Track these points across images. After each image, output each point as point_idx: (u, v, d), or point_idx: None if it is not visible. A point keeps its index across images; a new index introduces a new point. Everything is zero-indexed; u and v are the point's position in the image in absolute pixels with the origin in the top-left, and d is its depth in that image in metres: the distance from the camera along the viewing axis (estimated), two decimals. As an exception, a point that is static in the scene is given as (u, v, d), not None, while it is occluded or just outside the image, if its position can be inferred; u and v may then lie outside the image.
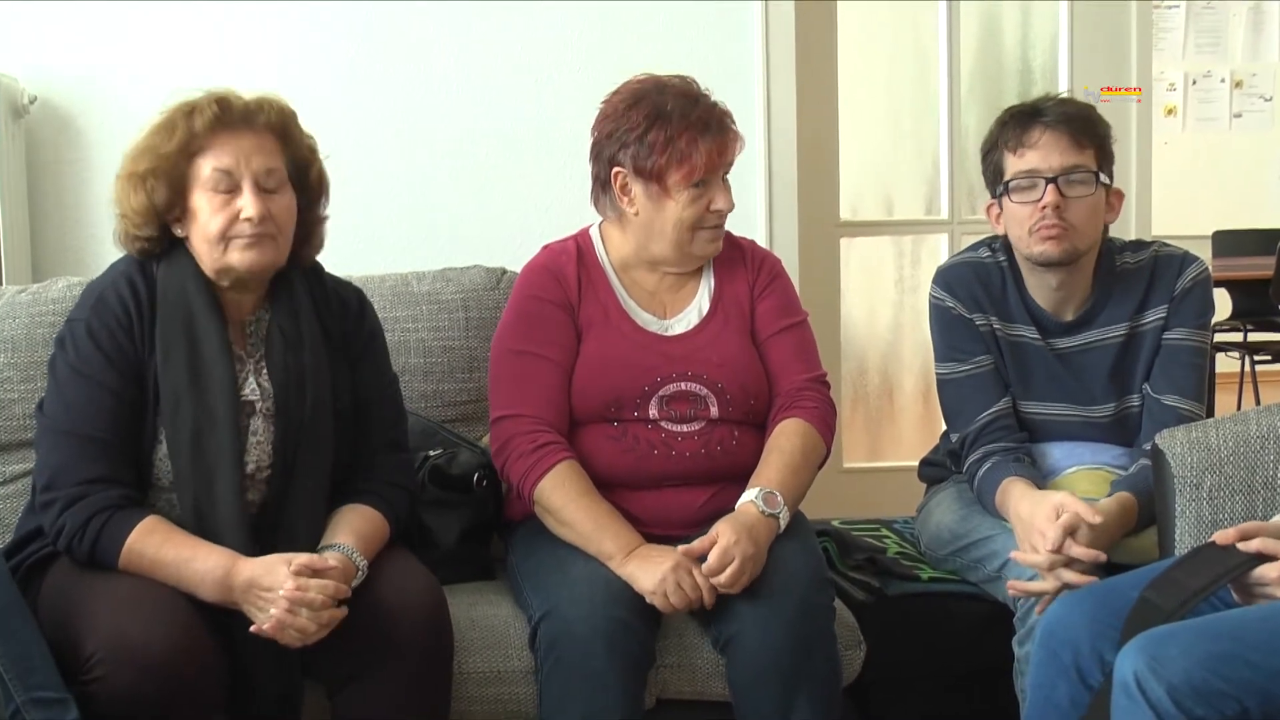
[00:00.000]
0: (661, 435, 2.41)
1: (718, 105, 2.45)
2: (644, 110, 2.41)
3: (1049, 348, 2.58)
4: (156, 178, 2.17)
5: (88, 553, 2.10)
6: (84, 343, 2.17)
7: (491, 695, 2.27)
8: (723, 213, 2.44)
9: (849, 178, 3.92)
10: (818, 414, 2.46)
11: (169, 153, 2.16)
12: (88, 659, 1.96)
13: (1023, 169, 2.48)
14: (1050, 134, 2.46)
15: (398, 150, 3.33)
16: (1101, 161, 2.50)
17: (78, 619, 2.02)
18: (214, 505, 2.13)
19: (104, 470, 2.12)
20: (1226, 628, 1.90)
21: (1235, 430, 2.29)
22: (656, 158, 2.38)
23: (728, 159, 2.44)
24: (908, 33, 4.06)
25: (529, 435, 2.37)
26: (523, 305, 2.49)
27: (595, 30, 3.36)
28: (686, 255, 2.47)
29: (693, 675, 2.33)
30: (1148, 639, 1.87)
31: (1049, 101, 2.53)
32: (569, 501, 2.33)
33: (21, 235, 3.15)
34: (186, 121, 2.16)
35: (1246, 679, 1.80)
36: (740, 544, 2.23)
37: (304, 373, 2.23)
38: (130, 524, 2.09)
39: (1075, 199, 2.46)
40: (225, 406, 2.15)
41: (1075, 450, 2.56)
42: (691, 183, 2.39)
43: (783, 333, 2.52)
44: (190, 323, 2.18)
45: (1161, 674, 1.80)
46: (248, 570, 2.06)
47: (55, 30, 3.21)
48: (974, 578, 2.59)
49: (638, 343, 2.46)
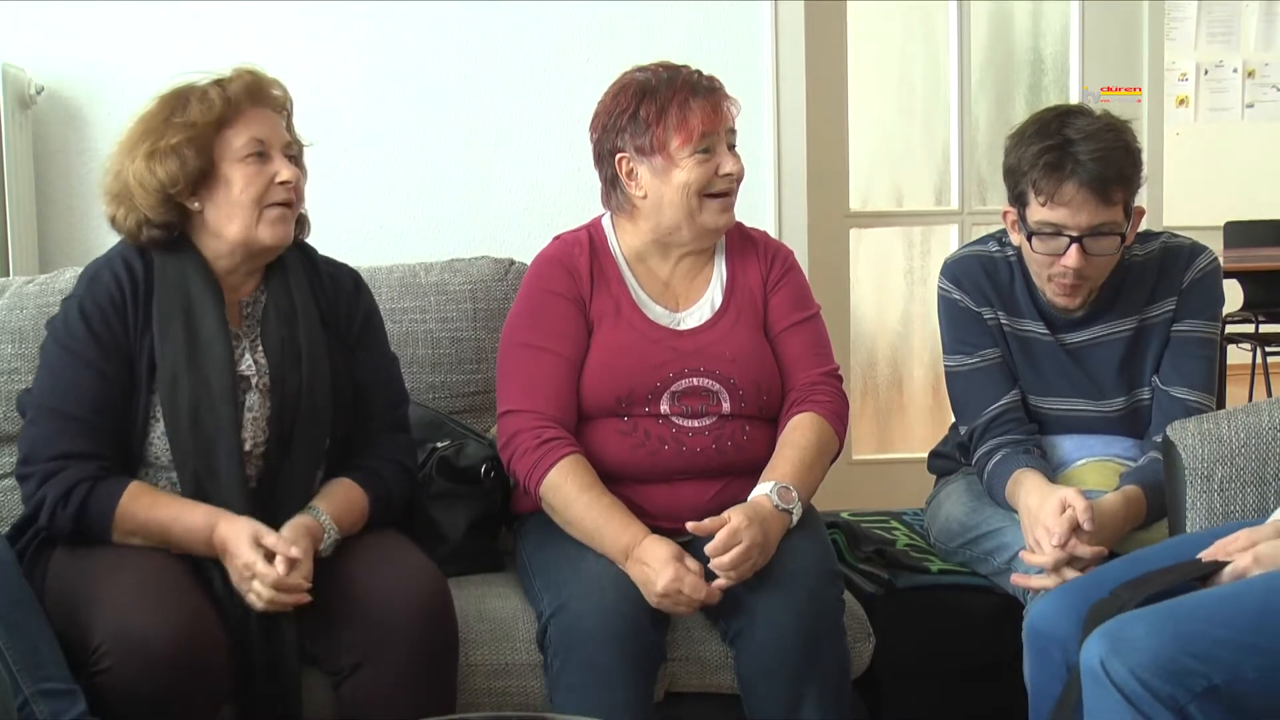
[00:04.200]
0: (672, 430, 2.39)
1: (701, 71, 2.44)
2: (629, 92, 2.41)
3: (1058, 343, 2.56)
4: (190, 147, 2.18)
5: (72, 522, 2.11)
6: (75, 322, 2.19)
7: (499, 688, 2.27)
8: (732, 176, 2.40)
9: (859, 168, 3.92)
10: (832, 409, 2.45)
11: (208, 122, 2.19)
12: (94, 650, 1.96)
13: (1049, 220, 2.39)
14: (1082, 193, 2.35)
15: (406, 141, 3.33)
16: (1129, 200, 2.41)
17: (83, 610, 2.02)
18: (215, 478, 2.15)
19: (83, 446, 2.14)
20: (1191, 607, 1.88)
21: (1247, 422, 2.28)
22: (654, 129, 2.37)
23: (725, 119, 2.40)
24: (919, 23, 4.05)
25: (534, 431, 2.35)
26: (533, 297, 2.48)
27: (604, 22, 3.36)
28: (699, 228, 2.43)
29: (702, 668, 2.33)
30: (1111, 625, 1.86)
31: (1083, 141, 2.35)
32: (573, 499, 2.31)
33: (28, 226, 3.15)
34: (220, 91, 2.20)
35: (1215, 655, 1.79)
36: (750, 529, 2.22)
37: (299, 347, 2.25)
38: (117, 491, 2.12)
39: (1097, 255, 2.42)
40: (222, 381, 2.17)
41: (1086, 442, 2.55)
42: (694, 145, 2.37)
43: (796, 327, 2.50)
44: (187, 300, 2.20)
45: (1126, 656, 1.79)
46: (223, 529, 2.10)
47: (62, 21, 3.21)
48: (984, 570, 2.58)
49: (649, 337, 2.44)
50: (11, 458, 2.52)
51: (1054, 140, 2.37)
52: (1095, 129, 2.37)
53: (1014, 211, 2.49)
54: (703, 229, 2.44)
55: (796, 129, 3.46)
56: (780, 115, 3.44)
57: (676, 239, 2.46)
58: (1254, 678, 1.78)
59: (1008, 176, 2.48)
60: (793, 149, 3.46)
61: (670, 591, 2.21)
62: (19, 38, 3.19)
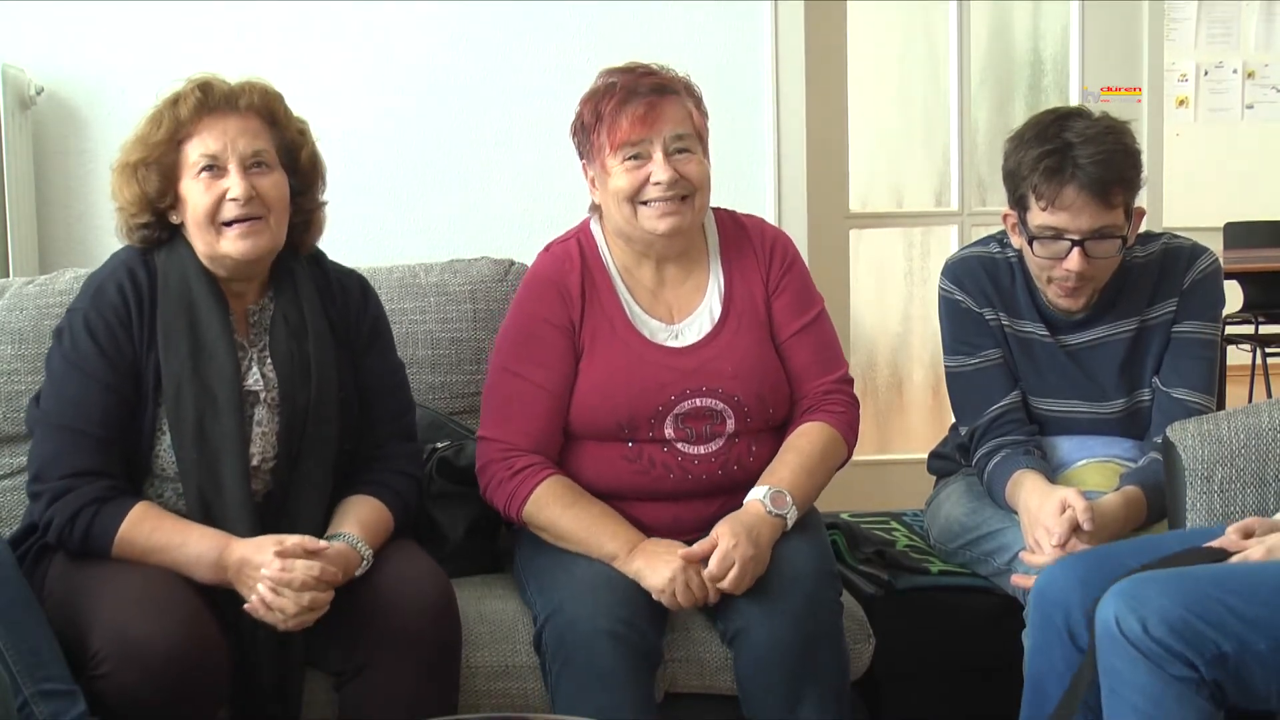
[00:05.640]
0: (678, 459, 2.36)
1: (658, 74, 2.38)
2: (584, 99, 2.41)
3: (1058, 344, 2.56)
4: (147, 167, 2.18)
5: (79, 545, 2.10)
6: (81, 335, 2.17)
7: (500, 689, 2.27)
8: (663, 184, 2.31)
9: (859, 169, 3.91)
10: (844, 419, 2.42)
11: (158, 141, 2.17)
12: (93, 656, 1.96)
13: (1050, 224, 2.39)
14: (1083, 196, 2.35)
15: (406, 142, 3.33)
16: (1129, 201, 2.41)
17: (83, 615, 2.02)
18: (220, 492, 2.13)
19: (91, 463, 2.12)
20: (1208, 574, 1.91)
21: (1247, 423, 2.28)
22: (592, 136, 2.37)
23: (661, 123, 2.33)
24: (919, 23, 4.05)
25: (505, 462, 2.34)
26: (522, 320, 2.44)
27: (604, 22, 3.35)
28: (644, 234, 2.38)
29: (701, 669, 2.33)
30: (1126, 583, 1.88)
31: (1083, 145, 2.35)
32: (557, 517, 2.30)
33: (28, 227, 3.14)
34: (172, 110, 2.18)
35: (1226, 623, 1.80)
36: (739, 547, 2.21)
37: (308, 361, 2.22)
38: (120, 514, 2.10)
39: (1099, 258, 2.41)
40: (228, 392, 2.15)
41: (1086, 443, 2.55)
42: (621, 152, 2.33)
43: (802, 332, 2.45)
44: (191, 310, 2.18)
45: (1140, 612, 1.81)
46: (240, 550, 2.06)
47: (62, 22, 3.21)
48: (984, 571, 2.58)
49: (646, 358, 2.39)
50: (11, 458, 2.55)
51: (1054, 144, 2.37)
52: (1095, 132, 2.37)
53: (1014, 215, 2.48)
54: (649, 235, 2.37)
55: (796, 129, 3.46)
56: (780, 115, 3.43)
57: (638, 245, 2.43)
58: (1264, 649, 1.79)
59: (1007, 180, 2.48)
60: (793, 150, 3.46)
61: (676, 576, 2.21)
62: (19, 38, 3.19)
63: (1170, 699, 1.80)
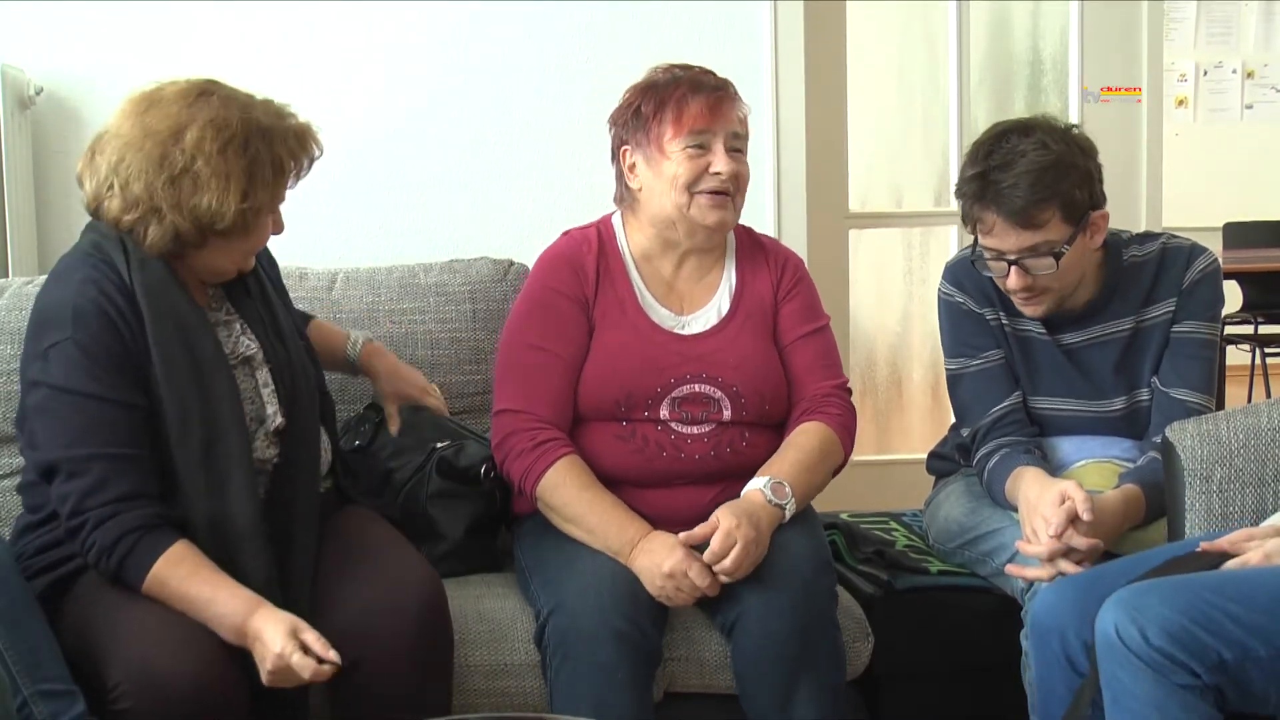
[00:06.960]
0: (671, 437, 2.39)
1: (714, 73, 2.45)
2: (639, 89, 2.45)
3: (1056, 343, 2.56)
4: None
5: (114, 572, 2.03)
6: (76, 362, 2.05)
7: (497, 688, 2.27)
8: (722, 176, 2.37)
9: (858, 169, 3.91)
10: (841, 422, 2.45)
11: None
12: (113, 689, 1.93)
13: (985, 245, 2.44)
14: (1002, 222, 2.37)
15: (405, 142, 3.32)
16: (1069, 216, 2.37)
17: (102, 646, 1.98)
18: (229, 518, 2.08)
19: (131, 486, 2.03)
20: (1206, 582, 1.91)
21: (1246, 423, 2.28)
22: (650, 122, 2.39)
23: (726, 118, 2.39)
24: (918, 23, 4.05)
25: (528, 433, 2.36)
26: (537, 295, 2.47)
27: (604, 22, 3.35)
28: (690, 224, 2.41)
29: (700, 668, 2.33)
30: (1125, 593, 1.88)
31: (1001, 170, 2.35)
32: (573, 499, 2.32)
33: (27, 227, 3.14)
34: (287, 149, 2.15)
35: (1226, 631, 1.81)
36: (741, 528, 2.23)
37: (279, 323, 2.26)
38: (158, 550, 2.01)
39: (1038, 274, 2.42)
40: (231, 416, 2.11)
41: (1085, 444, 2.55)
42: (686, 138, 2.37)
43: (806, 338, 2.49)
44: (184, 332, 2.12)
45: (1139, 621, 1.82)
46: (257, 624, 1.99)
47: (61, 21, 3.20)
48: (983, 571, 2.58)
49: (653, 340, 2.43)
50: (12, 458, 2.52)
51: (979, 167, 2.39)
52: (1017, 154, 2.35)
53: None
54: (694, 225, 2.42)
55: (796, 129, 3.46)
56: (780, 115, 3.43)
57: (674, 235, 2.46)
58: (1264, 655, 1.79)
59: (960, 200, 2.49)
60: (792, 149, 3.46)
61: (676, 573, 2.21)
62: (18, 38, 3.18)
63: (1174, 707, 1.80)
